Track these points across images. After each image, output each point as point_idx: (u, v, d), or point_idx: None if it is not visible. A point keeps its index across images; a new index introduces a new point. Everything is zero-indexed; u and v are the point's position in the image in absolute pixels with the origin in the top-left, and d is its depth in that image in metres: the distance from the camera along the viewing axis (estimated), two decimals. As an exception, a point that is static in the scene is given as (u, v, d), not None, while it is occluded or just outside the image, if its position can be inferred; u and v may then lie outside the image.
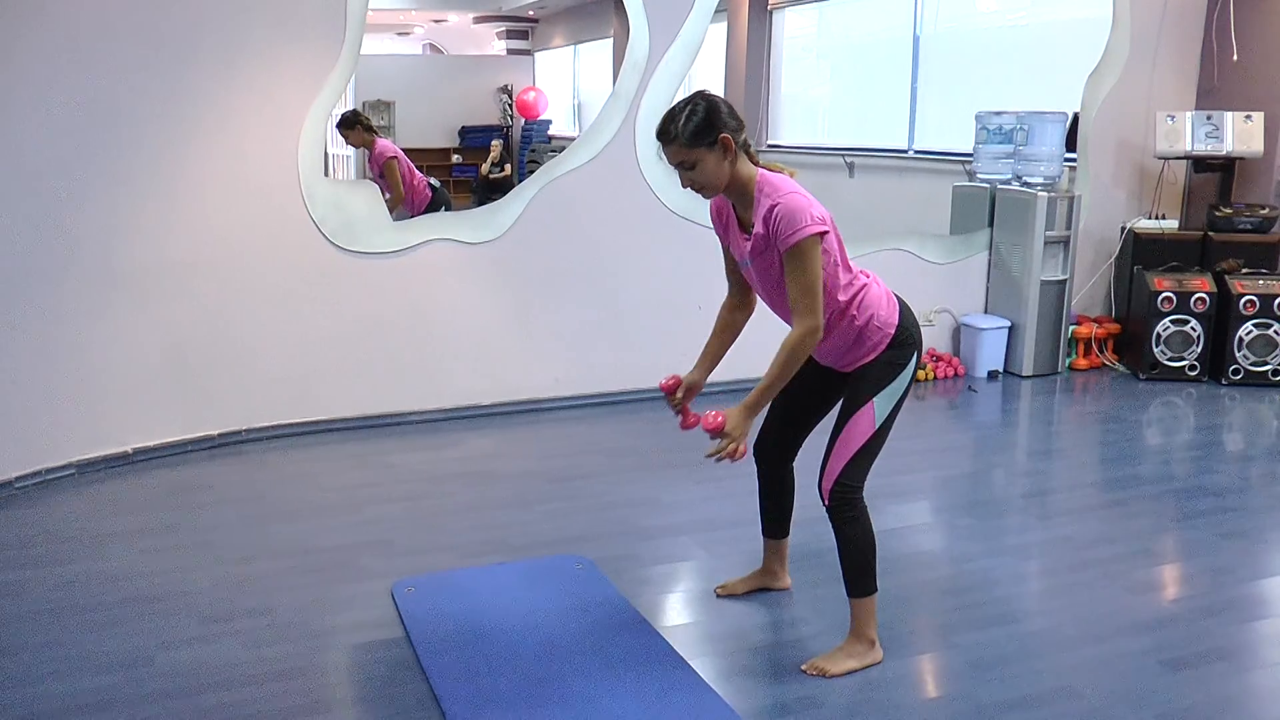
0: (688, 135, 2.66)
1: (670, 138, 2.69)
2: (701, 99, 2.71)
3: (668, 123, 2.70)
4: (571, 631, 3.07)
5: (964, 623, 3.17)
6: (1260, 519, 4.07)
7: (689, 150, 2.68)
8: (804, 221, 2.62)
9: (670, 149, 2.71)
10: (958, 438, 5.14)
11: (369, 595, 3.34)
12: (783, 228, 2.63)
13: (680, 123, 2.67)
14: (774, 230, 2.65)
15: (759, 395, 2.72)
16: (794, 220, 2.62)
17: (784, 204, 2.64)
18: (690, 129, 2.66)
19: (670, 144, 2.70)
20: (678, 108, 2.71)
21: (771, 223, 2.65)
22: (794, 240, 2.62)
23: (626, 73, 5.34)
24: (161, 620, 3.16)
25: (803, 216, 2.62)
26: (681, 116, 2.68)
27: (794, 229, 2.61)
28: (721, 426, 2.68)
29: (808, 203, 2.66)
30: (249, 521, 3.96)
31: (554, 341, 5.43)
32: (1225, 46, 6.50)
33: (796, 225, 2.61)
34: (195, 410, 4.72)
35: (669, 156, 2.73)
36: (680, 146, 2.68)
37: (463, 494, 4.27)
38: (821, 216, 2.65)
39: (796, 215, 2.62)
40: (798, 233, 2.61)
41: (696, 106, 2.68)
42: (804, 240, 2.62)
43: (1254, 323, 5.88)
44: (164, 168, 4.48)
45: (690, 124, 2.66)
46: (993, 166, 6.48)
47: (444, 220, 5.29)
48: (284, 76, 4.66)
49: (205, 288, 4.67)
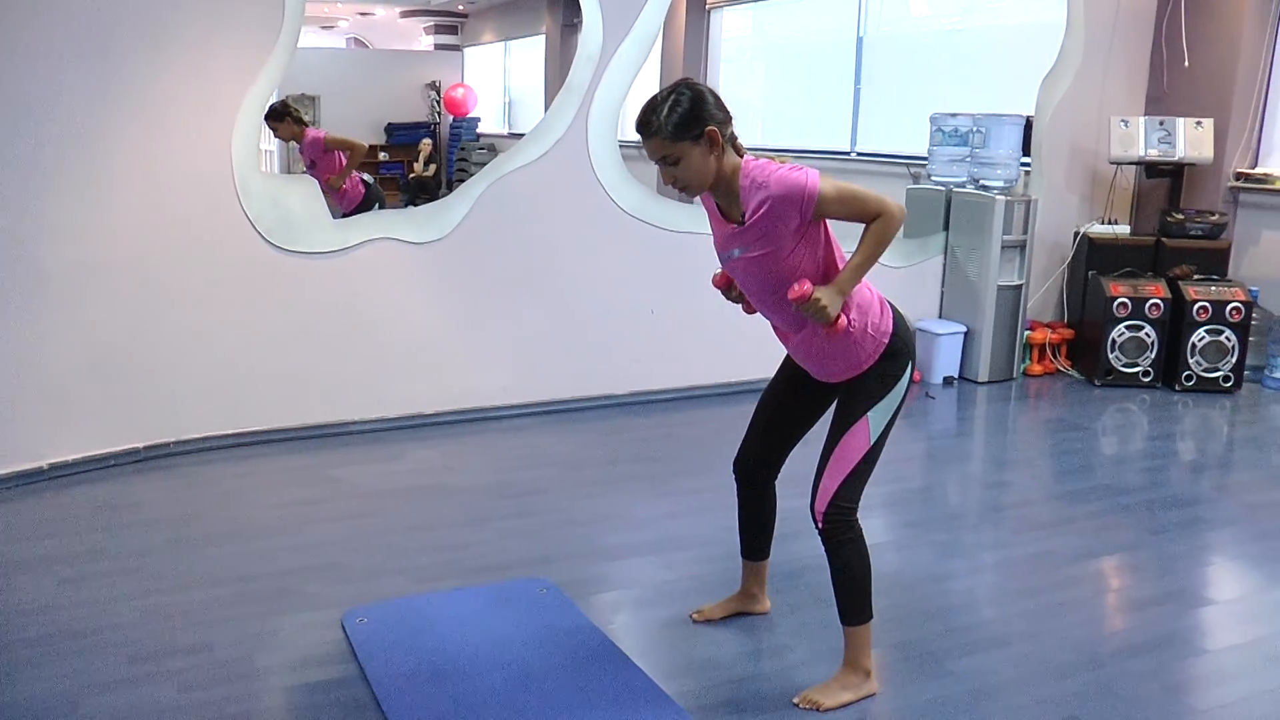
0: (671, 128, 2.45)
1: (651, 130, 2.47)
2: (686, 87, 2.49)
3: (649, 114, 2.48)
4: (543, 664, 2.83)
5: (956, 648, 3.01)
6: (1237, 530, 4.00)
7: (672, 144, 2.46)
8: (803, 176, 2.44)
9: (651, 143, 2.49)
10: (920, 447, 5.00)
11: (317, 627, 3.06)
12: (796, 197, 2.43)
13: (663, 114, 2.45)
14: (785, 207, 2.44)
15: (851, 274, 2.51)
16: (797, 183, 2.43)
17: (776, 180, 2.45)
18: (674, 121, 2.45)
19: (651, 137, 2.48)
20: (659, 97, 2.49)
21: (779, 202, 2.44)
22: (815, 194, 2.43)
23: (579, 66, 5.12)
24: (84, 660, 2.85)
25: (799, 175, 2.45)
26: (664, 107, 2.46)
27: (804, 187, 2.43)
28: (809, 295, 2.46)
29: (794, 166, 2.49)
30: (181, 545, 3.64)
31: (502, 347, 5.18)
32: (1176, 53, 6.48)
33: (803, 183, 2.43)
34: (119, 421, 4.37)
35: (649, 151, 2.51)
36: (663, 140, 2.46)
37: (413, 511, 4.00)
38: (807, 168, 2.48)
39: (795, 180, 2.44)
40: (809, 186, 2.43)
41: (681, 96, 2.47)
42: (821, 186, 2.44)
43: (1206, 329, 5.85)
44: (84, 159, 4.13)
45: (674, 115, 2.45)
46: (948, 169, 6.37)
47: (386, 218, 5.02)
48: (217, 64, 4.34)
49: (129, 289, 4.32)
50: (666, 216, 5.38)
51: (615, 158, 5.26)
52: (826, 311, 2.47)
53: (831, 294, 2.48)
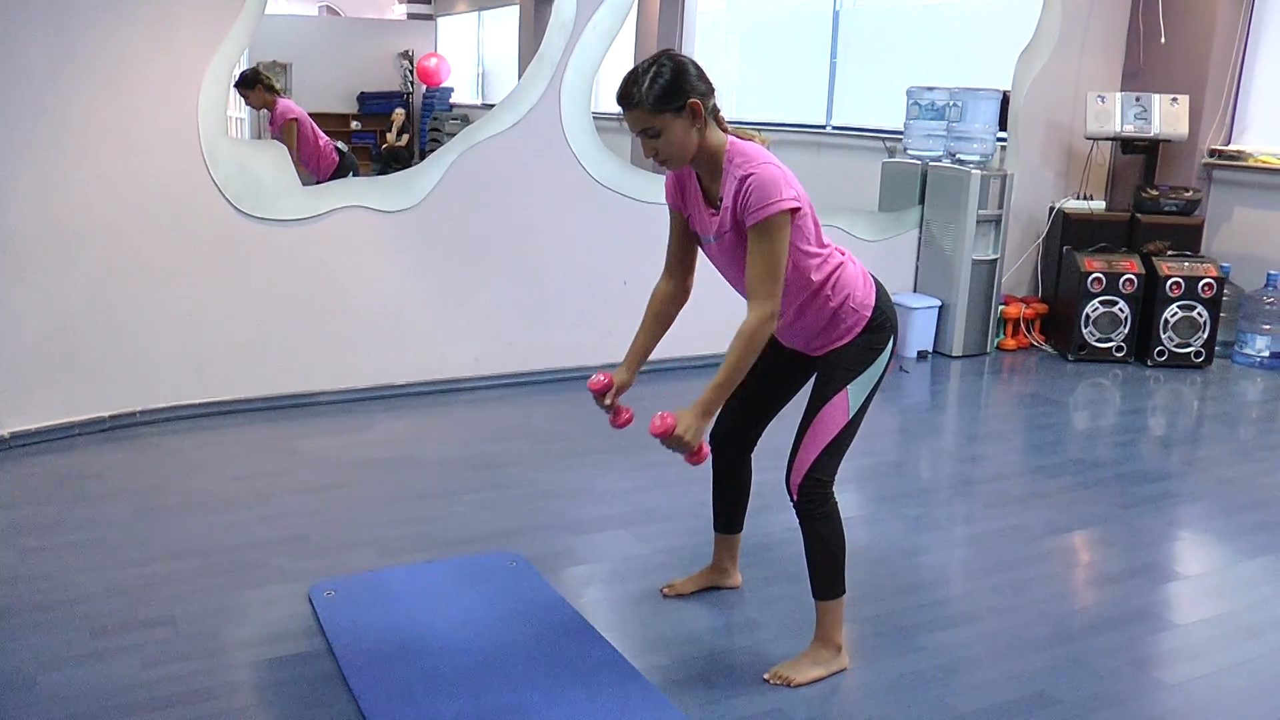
0: (652, 99, 2.40)
1: (632, 102, 2.42)
2: (668, 59, 2.45)
3: (629, 85, 2.43)
4: (511, 639, 2.80)
5: (928, 623, 3.00)
6: (1207, 505, 4.02)
7: (653, 116, 2.42)
8: (777, 195, 2.39)
9: (632, 115, 2.44)
10: (895, 420, 4.99)
11: (283, 600, 3.01)
12: (753, 200, 2.39)
13: (644, 85, 2.40)
14: (743, 203, 2.41)
15: (714, 393, 2.45)
16: (766, 193, 2.38)
17: (758, 175, 2.40)
18: (655, 92, 2.40)
19: (632, 109, 2.43)
20: (641, 68, 2.44)
21: (742, 195, 2.41)
22: (763, 215, 2.38)
23: (553, 33, 5.04)
24: (45, 635, 2.79)
25: (776, 190, 2.39)
26: (646, 78, 2.41)
27: (765, 202, 2.38)
28: (671, 429, 2.38)
29: (783, 175, 2.43)
30: (145, 516, 3.58)
31: (473, 317, 5.12)
32: (1153, 29, 6.46)
33: (768, 199, 2.38)
34: (83, 390, 4.29)
35: (630, 123, 2.46)
36: (643, 112, 2.42)
37: (381, 483, 3.95)
38: (797, 193, 2.43)
39: (769, 188, 2.39)
40: (769, 206, 2.38)
41: (662, 67, 2.42)
42: (774, 216, 2.38)
43: (1179, 305, 5.87)
44: (45, 122, 4.03)
45: (655, 87, 2.40)
46: (924, 143, 6.34)
47: (357, 186, 4.93)
48: (182, 23, 4.24)
49: (94, 255, 4.23)
50: (640, 187, 5.32)
51: (588, 128, 5.19)
52: (688, 444, 2.40)
53: (693, 420, 2.41)
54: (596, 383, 2.66)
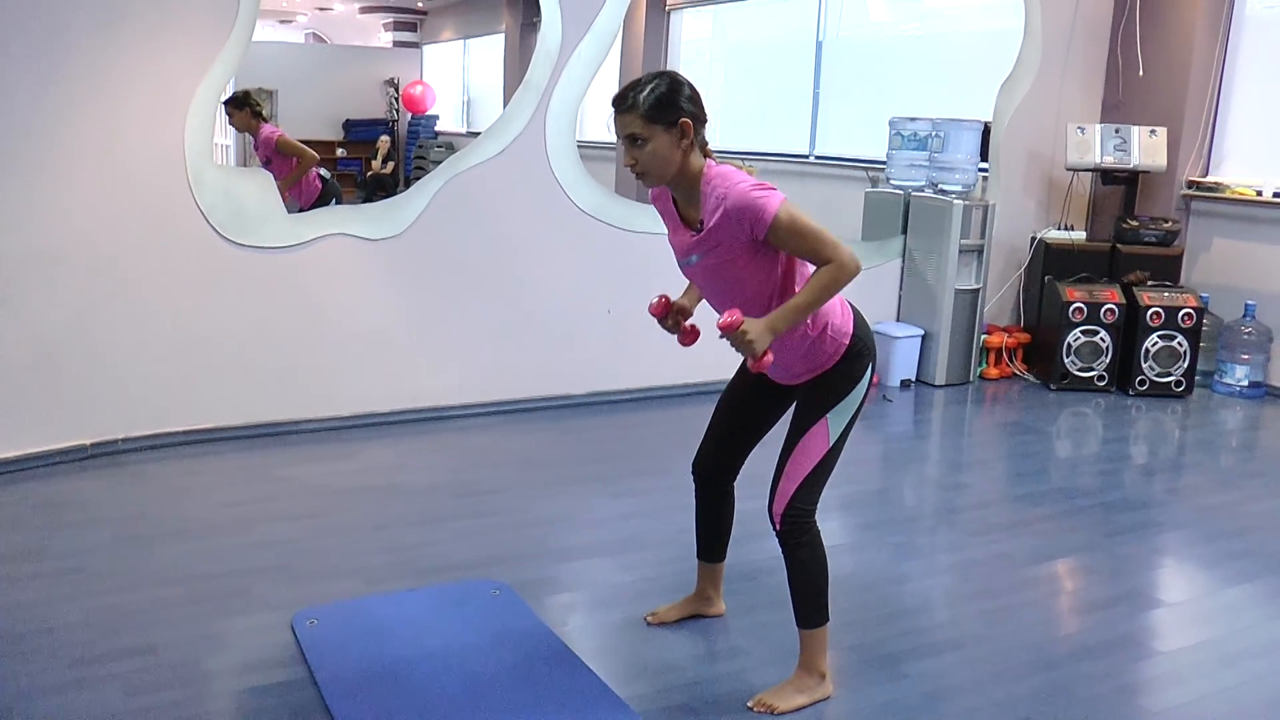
0: (647, 106, 2.45)
1: (627, 105, 2.47)
2: (669, 76, 2.52)
3: (628, 90, 2.49)
4: (496, 667, 2.79)
5: (912, 650, 3.00)
6: (1188, 533, 4.04)
7: (644, 124, 2.46)
8: (763, 197, 2.42)
9: (624, 118, 2.48)
10: (877, 449, 5.01)
11: (266, 629, 2.99)
12: (749, 216, 2.42)
13: (643, 93, 2.46)
14: (738, 222, 2.43)
15: (784, 314, 2.44)
16: (755, 203, 2.41)
17: (735, 194, 2.43)
18: (651, 101, 2.45)
19: (625, 112, 2.48)
20: (642, 79, 2.51)
21: (732, 215, 2.43)
22: (769, 219, 2.41)
23: (538, 62, 5.07)
24: (23, 663, 2.76)
25: (760, 195, 2.43)
26: (645, 87, 2.48)
27: (761, 209, 2.41)
28: (738, 325, 2.38)
29: (759, 184, 2.47)
30: (127, 544, 3.55)
31: (457, 345, 5.12)
32: (1131, 61, 6.55)
33: (761, 205, 2.41)
34: (65, 417, 4.27)
35: (619, 127, 2.50)
36: (636, 117, 2.46)
37: (365, 511, 3.94)
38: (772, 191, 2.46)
39: (754, 199, 2.42)
40: (766, 210, 2.41)
41: (663, 81, 2.49)
42: (778, 212, 2.41)
43: (1159, 334, 5.91)
44: (30, 145, 4.03)
45: (652, 96, 2.46)
46: (906, 173, 6.39)
47: (342, 214, 4.95)
48: (170, 48, 4.25)
49: (77, 281, 4.22)
50: (624, 216, 5.35)
51: (573, 156, 5.21)
52: (753, 345, 2.41)
53: (761, 328, 2.42)
54: (657, 306, 2.73)
